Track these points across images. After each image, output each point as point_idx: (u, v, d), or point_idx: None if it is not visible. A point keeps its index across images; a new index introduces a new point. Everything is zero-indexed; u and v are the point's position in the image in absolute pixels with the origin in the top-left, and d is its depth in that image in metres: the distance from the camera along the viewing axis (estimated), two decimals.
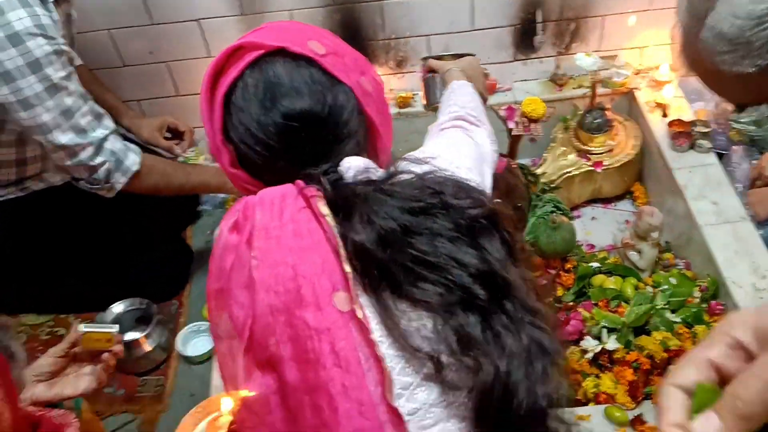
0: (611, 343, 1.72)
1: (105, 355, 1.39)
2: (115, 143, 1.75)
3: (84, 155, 1.70)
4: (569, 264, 1.95)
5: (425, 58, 1.71)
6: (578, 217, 2.25)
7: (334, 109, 0.95)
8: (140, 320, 2.03)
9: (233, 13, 2.26)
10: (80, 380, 1.39)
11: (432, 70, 1.65)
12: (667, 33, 2.35)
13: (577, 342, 1.77)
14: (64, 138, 1.65)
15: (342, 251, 0.85)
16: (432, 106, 1.65)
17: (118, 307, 1.98)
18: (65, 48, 1.62)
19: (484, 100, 1.56)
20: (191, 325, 2.02)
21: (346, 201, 0.89)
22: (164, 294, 2.15)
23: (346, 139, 0.97)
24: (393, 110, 2.39)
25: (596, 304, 1.84)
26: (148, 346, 1.94)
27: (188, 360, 1.97)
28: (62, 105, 1.62)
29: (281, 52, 0.95)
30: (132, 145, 1.81)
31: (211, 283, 0.92)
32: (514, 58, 2.41)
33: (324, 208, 0.88)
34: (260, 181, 0.99)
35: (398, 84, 2.44)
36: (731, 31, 0.86)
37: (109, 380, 1.42)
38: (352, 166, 0.94)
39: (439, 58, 1.68)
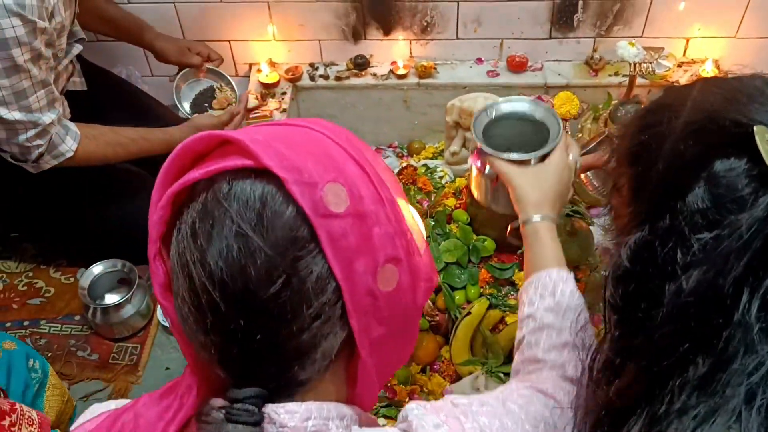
0: None
1: None
2: (57, 128, 1.65)
3: (23, 136, 1.60)
4: (580, 273, 1.81)
5: (481, 151, 1.27)
6: (597, 216, 2.09)
7: (287, 300, 0.61)
8: (122, 282, 1.92)
9: None
10: None
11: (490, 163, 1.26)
12: (717, 25, 2.16)
13: None
14: (9, 115, 1.55)
15: None
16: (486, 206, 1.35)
17: (97, 268, 1.87)
18: (43, 25, 1.50)
19: (572, 201, 1.27)
20: None
21: None
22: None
23: (296, 349, 0.64)
24: (412, 80, 2.23)
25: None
26: (126, 312, 1.83)
27: (168, 330, 1.86)
28: (18, 86, 1.52)
29: (273, 180, 0.61)
30: (72, 129, 1.70)
31: None
32: (549, 35, 2.22)
33: None
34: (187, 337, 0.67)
35: (421, 51, 2.26)
36: None
37: None
38: (287, 424, 0.64)
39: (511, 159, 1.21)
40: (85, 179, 1.83)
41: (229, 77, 2.13)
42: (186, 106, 2.10)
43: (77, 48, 1.85)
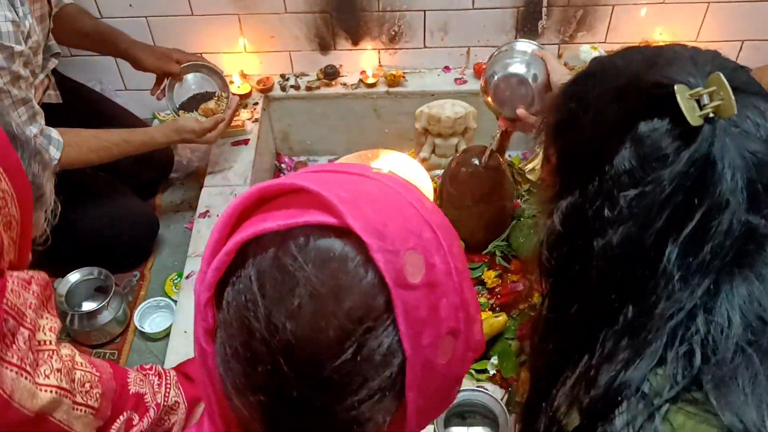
0: None
1: None
2: (39, 139, 1.69)
3: None
4: None
5: None
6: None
7: (353, 371, 0.57)
8: (99, 290, 1.94)
9: None
10: None
11: None
12: (678, 30, 2.22)
13: None
14: None
15: None
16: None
17: (74, 276, 1.89)
18: (20, 49, 1.54)
19: None
20: (151, 299, 1.93)
21: None
22: (126, 263, 2.06)
23: (353, 419, 0.60)
24: (381, 88, 2.28)
25: None
26: (103, 319, 1.86)
27: (145, 336, 1.88)
28: None
29: (353, 242, 0.57)
30: (55, 137, 1.73)
31: None
32: None
33: None
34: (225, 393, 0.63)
35: (389, 60, 2.32)
36: None
37: None
38: None
39: None
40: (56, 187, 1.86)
41: (231, 90, 2.15)
42: (179, 104, 2.13)
43: (53, 62, 1.89)
